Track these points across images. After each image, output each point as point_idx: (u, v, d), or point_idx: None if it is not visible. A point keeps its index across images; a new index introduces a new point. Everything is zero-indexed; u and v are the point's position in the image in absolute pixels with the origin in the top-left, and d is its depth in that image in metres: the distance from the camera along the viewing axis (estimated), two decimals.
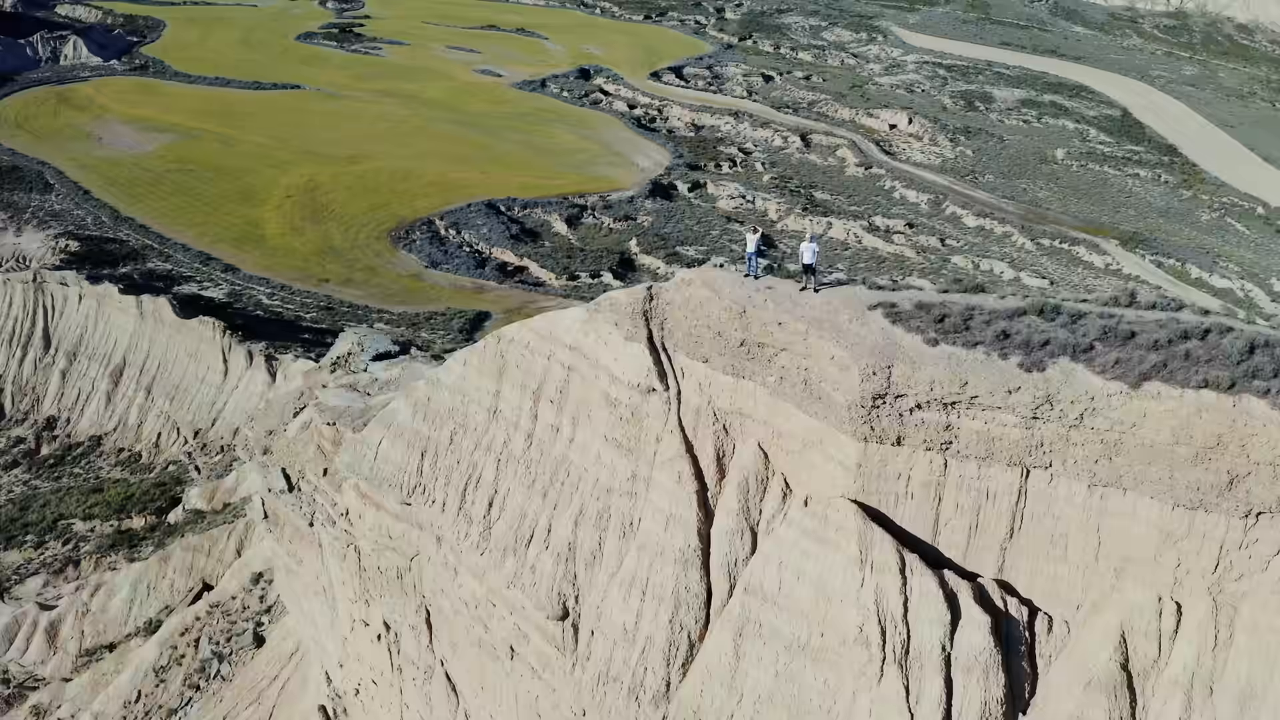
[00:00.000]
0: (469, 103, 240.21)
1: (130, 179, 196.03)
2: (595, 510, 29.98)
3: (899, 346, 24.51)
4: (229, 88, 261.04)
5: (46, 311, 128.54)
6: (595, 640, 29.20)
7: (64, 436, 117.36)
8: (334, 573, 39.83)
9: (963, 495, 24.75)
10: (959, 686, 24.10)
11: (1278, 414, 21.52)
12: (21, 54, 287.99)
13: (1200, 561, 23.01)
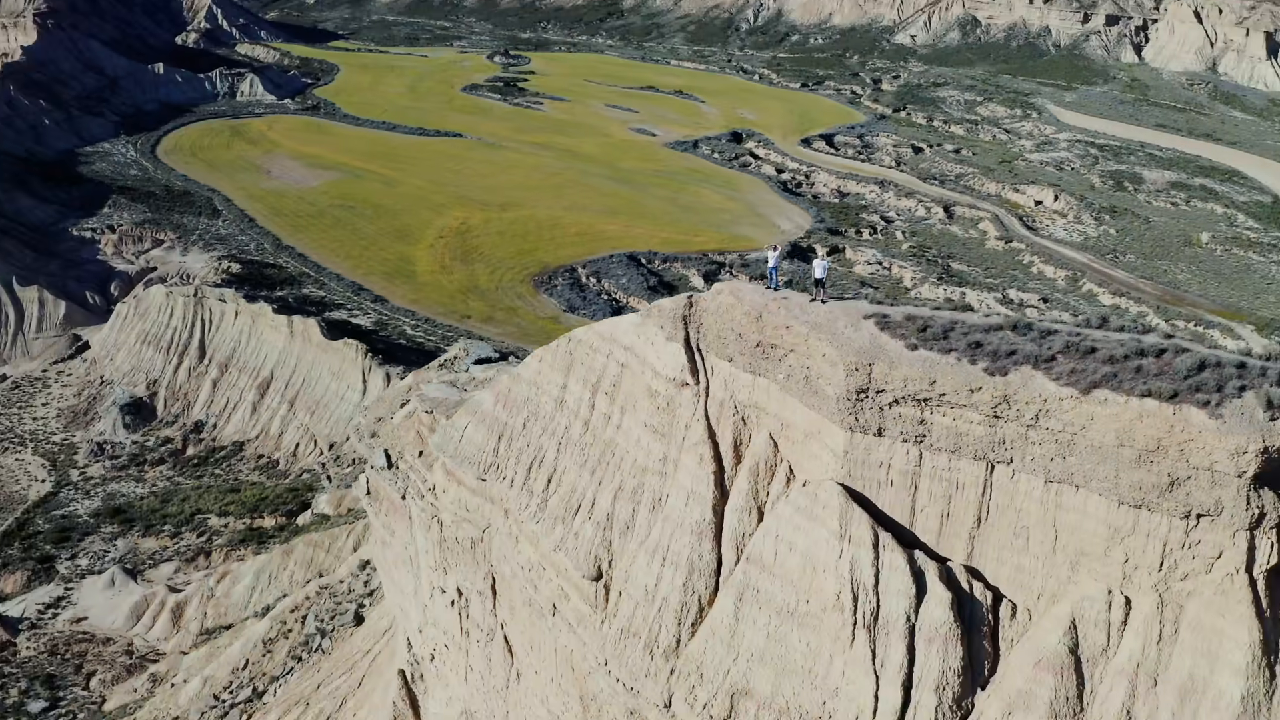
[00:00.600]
0: (622, 159, 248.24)
1: (294, 211, 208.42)
2: (632, 486, 33.98)
3: (882, 349, 27.95)
4: (394, 132, 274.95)
5: (204, 324, 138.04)
6: (621, 600, 33.02)
7: (209, 440, 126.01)
8: (419, 543, 44.44)
9: (935, 484, 27.91)
10: (920, 655, 27.14)
11: (1215, 423, 24.22)
12: (201, 88, 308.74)
13: (1147, 559, 25.65)
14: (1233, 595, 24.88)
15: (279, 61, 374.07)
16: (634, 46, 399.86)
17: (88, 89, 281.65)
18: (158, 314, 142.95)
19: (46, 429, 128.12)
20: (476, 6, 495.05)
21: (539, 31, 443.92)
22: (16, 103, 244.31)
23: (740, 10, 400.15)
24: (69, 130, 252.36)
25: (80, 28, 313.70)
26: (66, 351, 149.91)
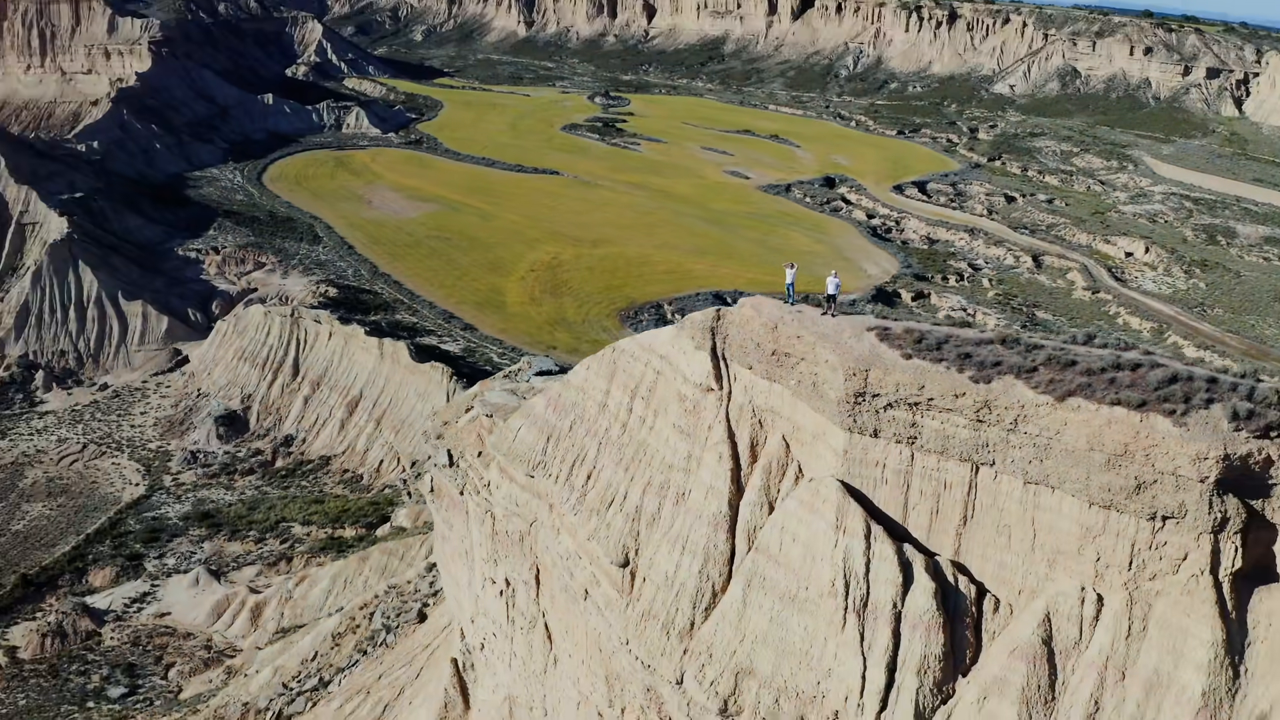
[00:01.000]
0: (714, 200, 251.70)
1: (392, 240, 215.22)
2: (659, 482, 36.73)
3: (879, 357, 30.41)
4: (493, 168, 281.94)
5: (299, 344, 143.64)
6: (644, 585, 35.69)
7: (298, 453, 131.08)
8: (474, 536, 47.53)
9: (925, 483, 30.20)
10: (904, 639, 29.36)
11: (1179, 431, 26.27)
12: (308, 119, 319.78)
13: (1117, 558, 27.62)
14: (1198, 596, 26.71)
15: (385, 96, 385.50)
16: (733, 91, 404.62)
17: (199, 116, 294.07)
18: (255, 332, 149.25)
19: (143, 436, 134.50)
20: (580, 48, 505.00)
21: (640, 74, 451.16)
22: (130, 126, 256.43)
23: (840, 57, 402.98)
24: (179, 155, 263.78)
25: (194, 57, 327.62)
26: (167, 365, 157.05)
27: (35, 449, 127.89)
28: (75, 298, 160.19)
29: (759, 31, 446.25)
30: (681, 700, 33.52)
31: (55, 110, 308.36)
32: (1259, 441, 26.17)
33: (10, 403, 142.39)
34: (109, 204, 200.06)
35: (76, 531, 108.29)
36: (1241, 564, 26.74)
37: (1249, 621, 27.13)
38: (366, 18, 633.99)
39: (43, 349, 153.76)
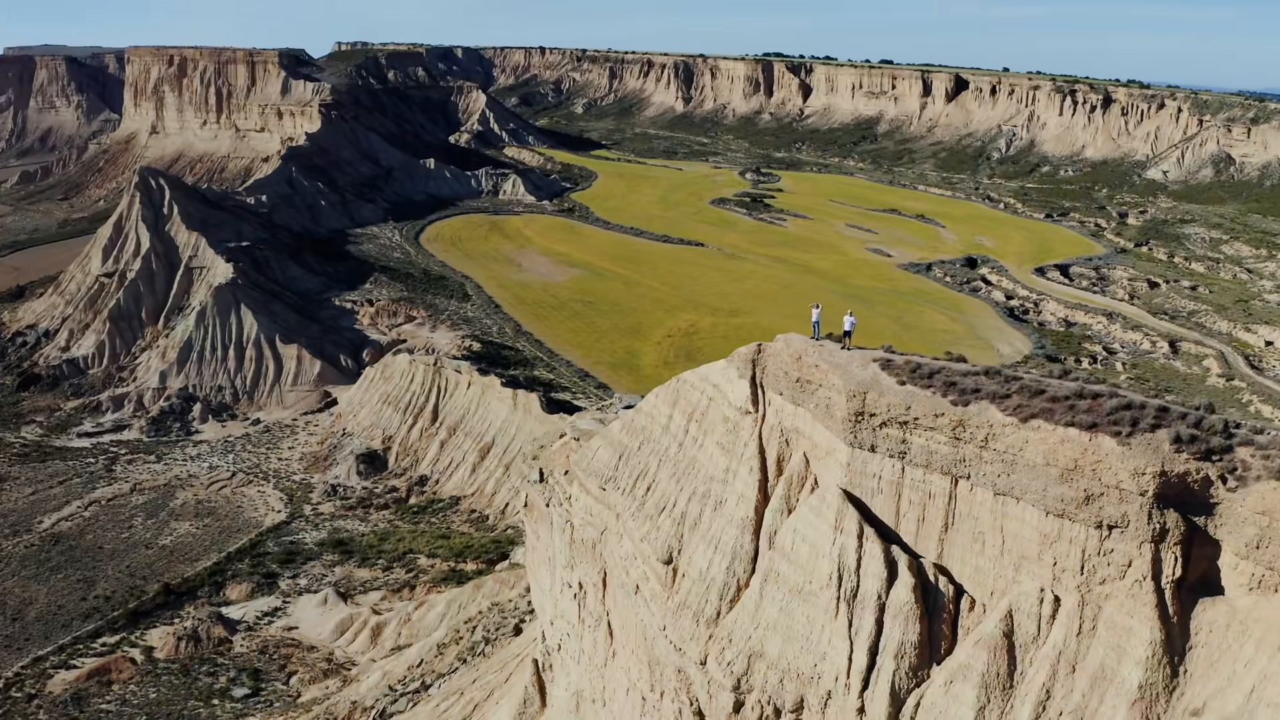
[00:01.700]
0: (854, 276, 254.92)
1: (537, 301, 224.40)
2: (702, 491, 41.71)
3: (877, 382, 35.00)
4: (640, 238, 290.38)
5: (440, 391, 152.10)
6: (683, 580, 40.59)
7: (430, 492, 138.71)
8: (556, 544, 52.97)
9: (913, 493, 34.50)
10: (886, 627, 33.62)
11: (1122, 449, 30.23)
12: (467, 184, 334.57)
13: (1071, 563, 31.52)
14: (1141, 599, 30.41)
15: (542, 165, 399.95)
16: (884, 170, 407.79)
17: (363, 176, 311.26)
18: (400, 378, 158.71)
19: (289, 469, 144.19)
20: (736, 125, 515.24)
21: (793, 151, 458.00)
22: (297, 183, 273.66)
23: (993, 140, 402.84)
24: (342, 212, 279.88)
25: (361, 120, 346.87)
26: (316, 405, 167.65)
27: (188, 473, 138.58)
28: (235, 338, 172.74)
29: (913, 112, 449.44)
30: (703, 679, 38.25)
31: (228, 164, 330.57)
32: (1199, 463, 29.91)
33: (168, 431, 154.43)
34: (273, 254, 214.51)
35: (219, 549, 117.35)
36: (1183, 574, 30.34)
37: (1192, 627, 30.62)
38: (530, 89, 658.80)
39: (202, 383, 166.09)
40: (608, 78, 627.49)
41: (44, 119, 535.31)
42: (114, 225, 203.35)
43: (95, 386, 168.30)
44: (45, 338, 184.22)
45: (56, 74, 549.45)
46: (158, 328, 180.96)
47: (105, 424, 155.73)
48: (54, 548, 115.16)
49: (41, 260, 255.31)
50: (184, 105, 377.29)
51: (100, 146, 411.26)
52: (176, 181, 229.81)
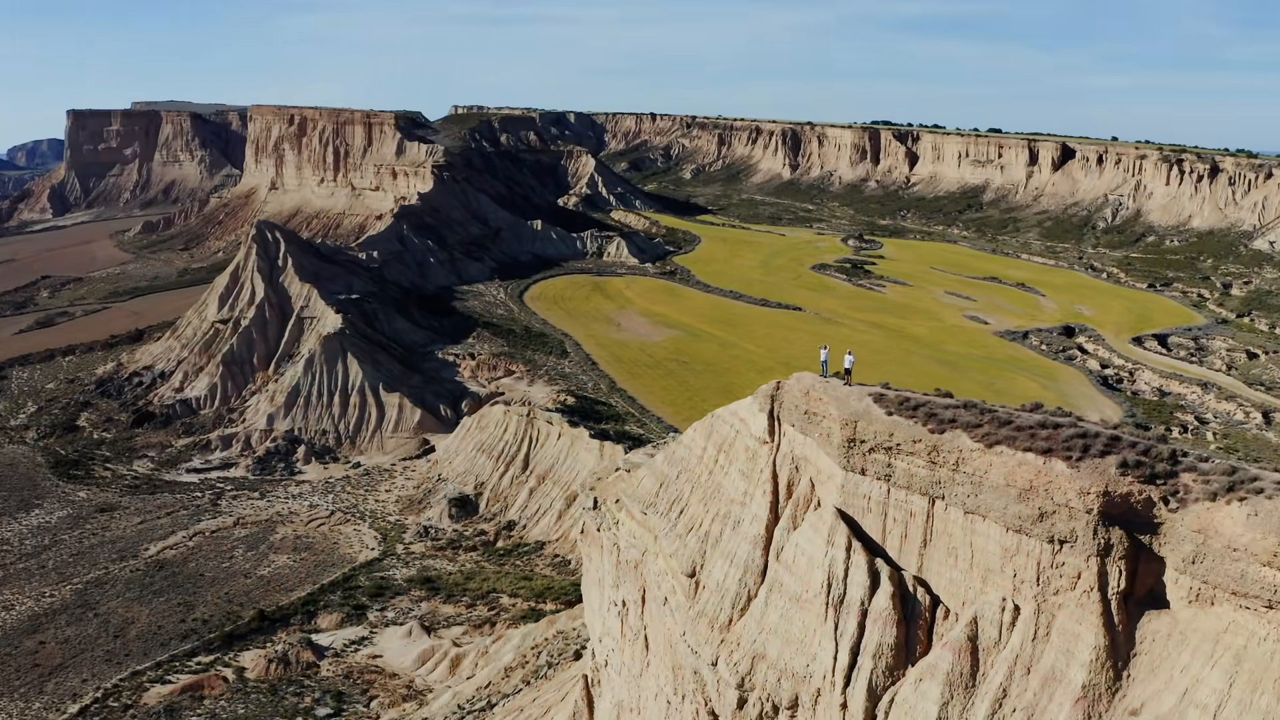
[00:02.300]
0: (948, 342, 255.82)
1: (633, 360, 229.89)
2: (724, 513, 46.05)
3: (867, 412, 39.17)
4: (739, 301, 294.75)
5: (531, 441, 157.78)
6: (702, 591, 44.87)
7: (517, 537, 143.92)
8: (605, 566, 57.50)
9: (897, 512, 38.45)
10: (867, 630, 37.50)
11: (1071, 471, 33.98)
12: (572, 245, 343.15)
13: (1028, 575, 35.22)
14: (1088, 608, 33.97)
15: (647, 229, 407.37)
16: (988, 239, 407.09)
17: (471, 236, 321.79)
18: (494, 427, 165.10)
19: (384, 510, 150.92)
20: (842, 192, 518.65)
21: (898, 219, 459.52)
22: (408, 241, 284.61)
23: (1099, 209, 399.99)
24: (450, 270, 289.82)
25: (473, 182, 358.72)
26: (415, 452, 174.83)
27: (289, 510, 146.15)
28: (341, 385, 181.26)
29: (1019, 181, 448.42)
30: (714, 678, 42.42)
31: (343, 221, 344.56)
32: (1143, 485, 33.53)
33: (273, 470, 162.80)
34: (381, 307, 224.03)
35: (313, 581, 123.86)
36: (1130, 587, 33.84)
37: (1137, 636, 34.06)
38: (640, 155, 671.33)
39: (307, 426, 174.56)
40: (716, 144, 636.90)
41: (168, 172, 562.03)
42: (231, 274, 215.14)
43: (206, 426, 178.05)
44: (161, 378, 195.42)
45: (181, 129, 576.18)
46: (268, 373, 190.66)
47: (213, 461, 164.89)
48: (158, 573, 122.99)
49: (160, 306, 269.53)
50: (303, 163, 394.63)
51: (221, 200, 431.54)
52: (292, 235, 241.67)
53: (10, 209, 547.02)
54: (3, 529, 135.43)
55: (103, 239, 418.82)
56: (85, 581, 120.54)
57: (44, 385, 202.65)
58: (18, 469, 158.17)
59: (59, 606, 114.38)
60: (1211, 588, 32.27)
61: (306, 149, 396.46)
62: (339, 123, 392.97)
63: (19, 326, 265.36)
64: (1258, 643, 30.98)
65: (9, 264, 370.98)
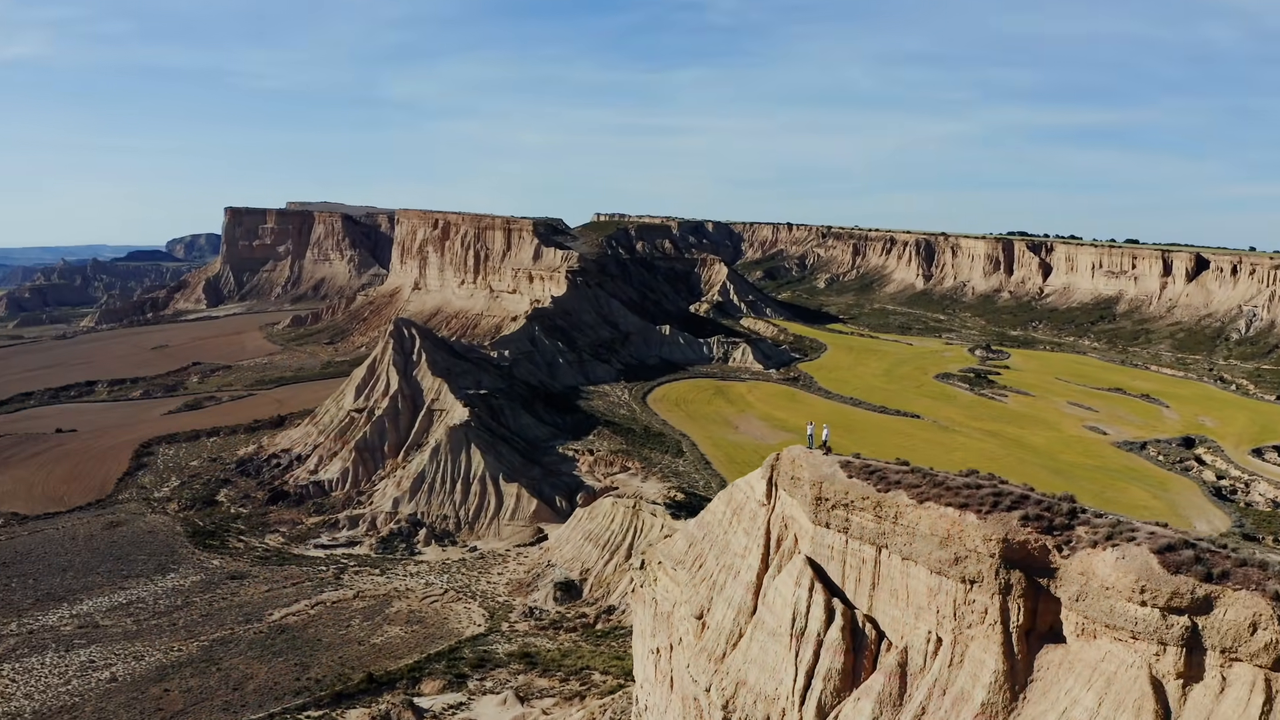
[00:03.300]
0: (1063, 452, 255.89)
1: (747, 461, 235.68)
2: (729, 564, 53.66)
3: (833, 476, 46.67)
4: (857, 407, 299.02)
5: (636, 532, 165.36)
6: (707, 630, 52.38)
7: (616, 620, 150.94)
8: (645, 618, 65.14)
9: (852, 559, 45.66)
10: (821, 656, 44.63)
11: (979, 522, 40.95)
12: (699, 350, 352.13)
13: (948, 610, 42.10)
14: (992, 639, 40.70)
15: (774, 336, 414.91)
16: (1117, 350, 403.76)
17: (601, 339, 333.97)
18: (602, 518, 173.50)
19: (494, 591, 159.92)
20: (974, 303, 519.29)
21: (1029, 330, 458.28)
22: (539, 341, 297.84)
23: (1232, 320, 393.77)
24: (578, 370, 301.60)
25: (605, 287, 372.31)
26: (529, 539, 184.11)
27: (406, 587, 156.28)
28: (464, 473, 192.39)
29: (1152, 292, 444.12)
30: (707, 703, 49.72)
31: (481, 321, 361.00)
32: (1040, 535, 40.39)
33: (395, 549, 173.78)
34: (507, 403, 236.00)
35: (420, 651, 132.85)
36: (1028, 621, 40.48)
37: (1036, 665, 40.60)
38: (776, 264, 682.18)
39: (429, 511, 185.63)
40: (851, 254, 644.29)
41: (318, 269, 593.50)
42: (368, 367, 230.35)
43: (336, 506, 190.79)
44: (297, 461, 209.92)
45: (333, 229, 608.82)
46: (397, 460, 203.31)
47: (340, 539, 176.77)
48: (279, 636, 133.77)
49: (302, 395, 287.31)
50: (445, 265, 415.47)
51: (367, 298, 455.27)
52: (426, 332, 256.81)
53: (167, 298, 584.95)
54: (140, 589, 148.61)
55: (253, 330, 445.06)
56: (211, 639, 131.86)
57: (188, 462, 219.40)
58: (158, 536, 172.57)
59: (185, 660, 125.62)
60: (1092, 622, 38.81)
61: (449, 252, 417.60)
62: (480, 227, 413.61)
63: (169, 408, 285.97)
64: (1125, 669, 37.45)
65: (163, 350, 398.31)
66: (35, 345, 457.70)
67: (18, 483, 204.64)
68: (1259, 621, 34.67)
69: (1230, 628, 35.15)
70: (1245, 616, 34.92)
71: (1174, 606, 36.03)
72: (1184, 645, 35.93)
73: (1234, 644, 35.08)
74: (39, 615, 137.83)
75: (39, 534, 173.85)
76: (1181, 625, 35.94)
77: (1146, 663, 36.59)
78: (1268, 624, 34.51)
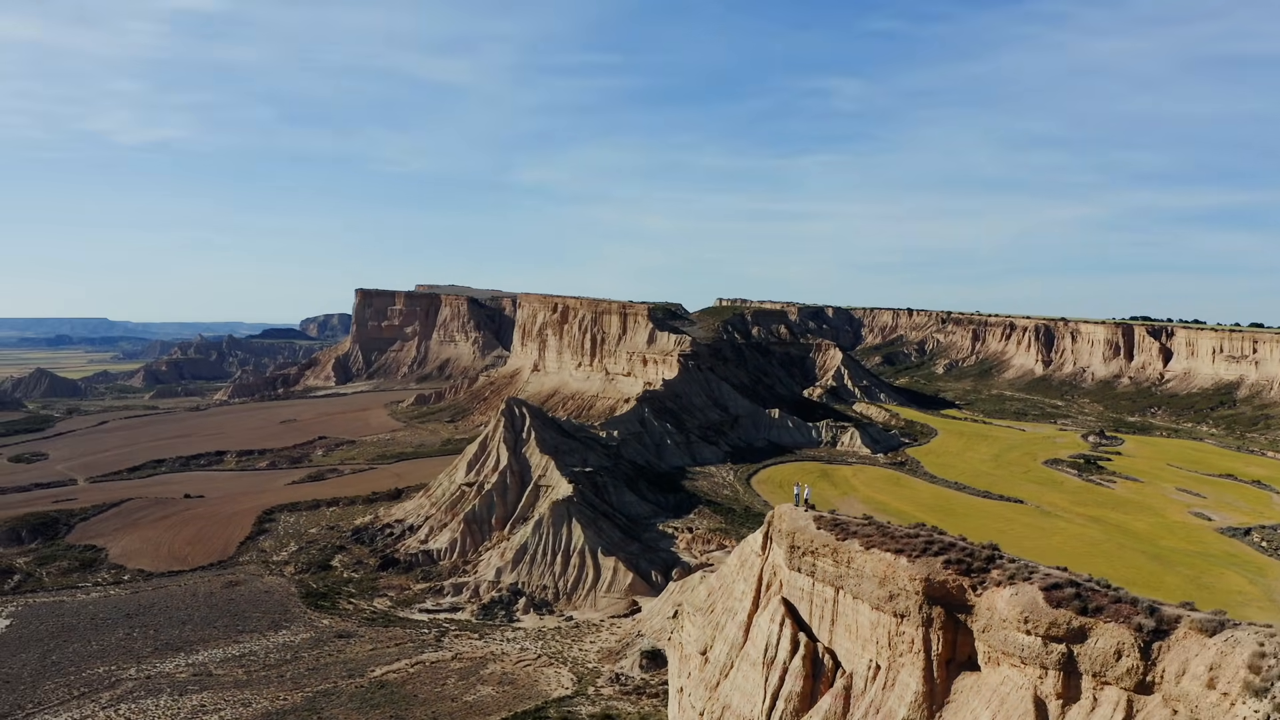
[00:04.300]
0: (1165, 538, 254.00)
1: None
2: (729, 607, 61.78)
3: (805, 528, 54.74)
4: (961, 492, 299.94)
5: None
6: (708, 665, 60.45)
7: None
8: (675, 660, 73.20)
9: (818, 599, 53.53)
10: (786, 681, 52.46)
11: (908, 564, 48.73)
12: (807, 434, 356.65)
13: (885, 641, 49.73)
14: (916, 665, 48.19)
15: (886, 420, 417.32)
16: (1235, 436, 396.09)
17: (709, 421, 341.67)
18: (691, 591, 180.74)
19: (585, 657, 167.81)
20: (1093, 389, 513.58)
21: (1146, 416, 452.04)
22: (648, 423, 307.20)
23: None
24: (685, 451, 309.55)
25: (716, 371, 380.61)
26: (623, 611, 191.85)
27: (501, 651, 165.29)
28: (564, 546, 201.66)
29: (1274, 377, 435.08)
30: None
31: (596, 403, 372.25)
32: (959, 576, 47.92)
33: (494, 616, 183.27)
34: (611, 480, 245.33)
35: (508, 710, 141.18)
36: (947, 651, 47.89)
37: (953, 689, 47.92)
38: (895, 349, 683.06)
39: (530, 581, 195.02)
40: (970, 339, 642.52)
41: (444, 350, 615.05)
42: (480, 444, 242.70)
43: (442, 574, 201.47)
44: (409, 530, 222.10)
45: (458, 311, 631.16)
46: (503, 532, 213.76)
47: (444, 605, 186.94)
48: (378, 690, 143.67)
49: (421, 470, 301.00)
50: (563, 348, 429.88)
51: (488, 379, 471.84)
52: (536, 411, 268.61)
53: (298, 375, 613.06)
54: (253, 643, 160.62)
55: (378, 408, 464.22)
56: (315, 691, 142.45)
57: (307, 529, 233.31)
58: (273, 596, 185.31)
59: (289, 708, 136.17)
60: (995, 650, 46.13)
61: (567, 335, 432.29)
62: (597, 312, 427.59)
63: (293, 478, 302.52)
64: (1015, 690, 44.73)
65: (291, 424, 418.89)
66: (169, 416, 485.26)
67: (146, 542, 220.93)
68: (1123, 649, 41.75)
69: (1100, 654, 42.20)
70: (1112, 645, 42.01)
71: (1053, 635, 43.20)
72: (1061, 669, 43.04)
73: (1103, 669, 42.09)
74: (157, 663, 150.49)
75: (163, 590, 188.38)
76: (1059, 652, 43.07)
77: (1032, 685, 43.75)
78: (1130, 651, 41.57)
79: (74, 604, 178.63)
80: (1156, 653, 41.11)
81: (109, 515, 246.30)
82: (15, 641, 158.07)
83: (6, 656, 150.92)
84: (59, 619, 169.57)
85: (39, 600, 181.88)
